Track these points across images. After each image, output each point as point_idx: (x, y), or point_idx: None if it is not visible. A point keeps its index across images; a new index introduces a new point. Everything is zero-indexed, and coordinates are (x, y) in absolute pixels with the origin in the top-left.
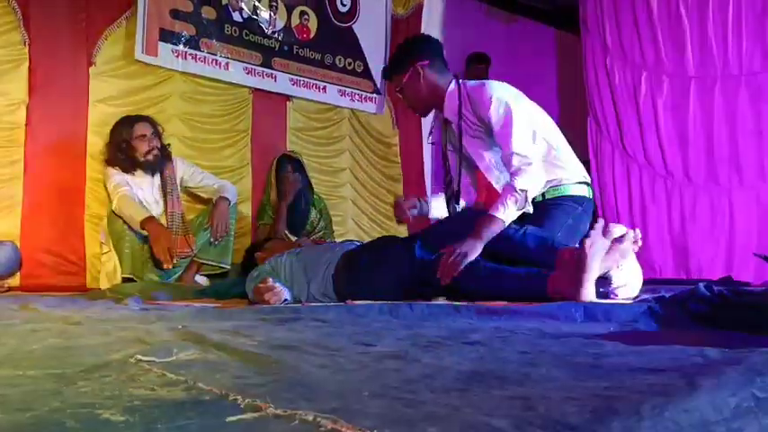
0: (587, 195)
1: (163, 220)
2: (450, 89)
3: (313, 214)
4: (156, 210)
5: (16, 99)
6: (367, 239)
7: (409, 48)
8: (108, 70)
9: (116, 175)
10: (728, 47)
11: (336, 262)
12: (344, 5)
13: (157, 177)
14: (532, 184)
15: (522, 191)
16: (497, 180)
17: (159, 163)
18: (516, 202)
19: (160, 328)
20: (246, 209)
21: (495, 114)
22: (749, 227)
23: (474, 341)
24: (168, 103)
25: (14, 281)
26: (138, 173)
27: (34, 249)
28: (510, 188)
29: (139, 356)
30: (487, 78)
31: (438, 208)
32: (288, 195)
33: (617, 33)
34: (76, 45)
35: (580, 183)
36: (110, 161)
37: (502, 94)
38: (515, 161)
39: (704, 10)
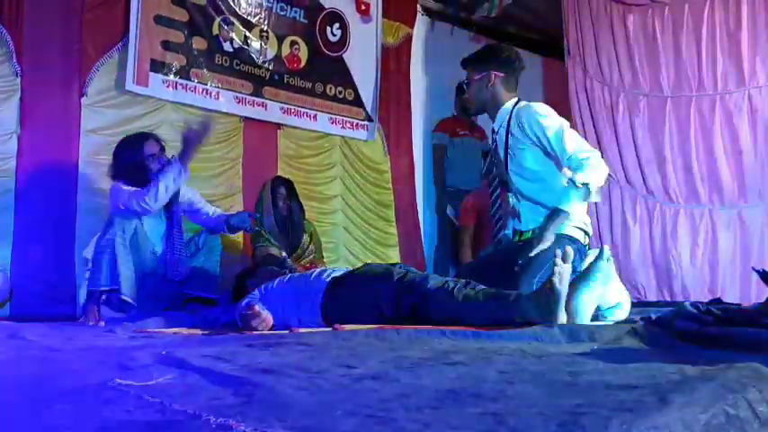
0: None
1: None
2: (506, 104)
3: (304, 238)
4: (161, 227)
5: (8, 130)
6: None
7: (496, 56)
8: (100, 101)
9: (124, 187)
10: (703, 66)
11: (325, 288)
12: (335, 35)
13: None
14: (594, 176)
15: (583, 184)
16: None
17: None
18: (582, 197)
19: (144, 354)
20: (238, 237)
21: (550, 124)
22: (732, 246)
23: (456, 362)
24: (159, 133)
25: (4, 310)
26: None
27: (25, 278)
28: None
29: (118, 380)
30: None
31: None
32: (281, 206)
33: (596, 56)
34: (68, 76)
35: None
36: (117, 176)
37: (551, 112)
38: (575, 160)
39: (678, 30)
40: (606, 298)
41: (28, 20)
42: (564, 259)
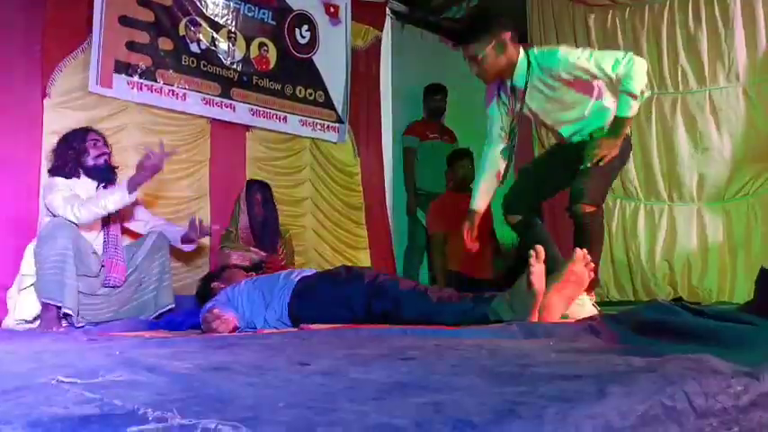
0: None
1: (99, 240)
2: (520, 58)
3: (278, 244)
4: (96, 228)
5: None
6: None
7: (494, 20)
8: (63, 102)
9: (62, 185)
10: (664, 66)
11: (293, 288)
12: (304, 37)
13: (100, 190)
14: (639, 81)
15: (632, 95)
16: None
17: (107, 171)
18: (633, 100)
19: (97, 354)
20: (204, 239)
21: (578, 57)
22: (691, 244)
23: (409, 357)
24: (125, 134)
25: None
26: (83, 179)
27: None
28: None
29: (60, 377)
30: (445, 108)
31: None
32: (258, 211)
33: None
34: (31, 77)
35: None
36: (53, 170)
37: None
38: (622, 73)
39: (639, 30)
40: (574, 310)
41: None
42: (538, 259)
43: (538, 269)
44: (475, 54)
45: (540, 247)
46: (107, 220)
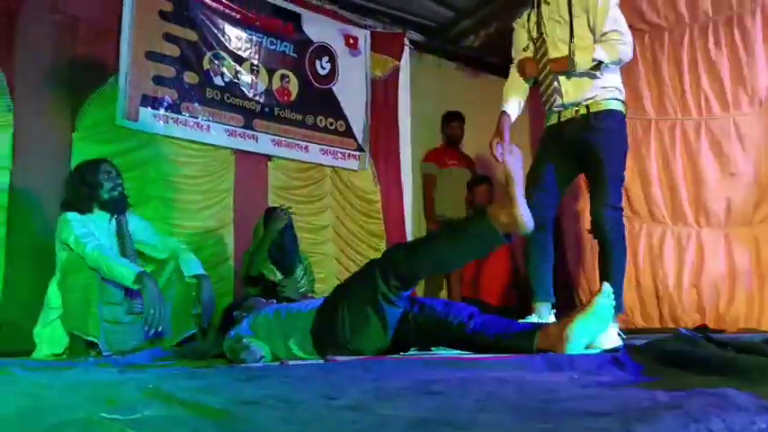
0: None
1: None
2: None
3: (298, 271)
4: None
5: (1, 164)
6: None
7: None
8: (91, 135)
9: (76, 222)
10: (686, 91)
11: (314, 315)
12: (324, 68)
13: (114, 223)
14: (608, 55)
15: (594, 59)
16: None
17: (121, 203)
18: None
19: (131, 387)
20: (228, 269)
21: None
22: (719, 268)
23: (435, 391)
24: (151, 166)
25: None
26: (97, 214)
27: (14, 313)
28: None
29: (103, 414)
30: (463, 135)
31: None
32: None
33: None
34: (60, 110)
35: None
36: (66, 204)
37: None
38: (608, 36)
39: (659, 56)
40: (600, 341)
41: (21, 56)
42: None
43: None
44: None
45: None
46: (123, 248)
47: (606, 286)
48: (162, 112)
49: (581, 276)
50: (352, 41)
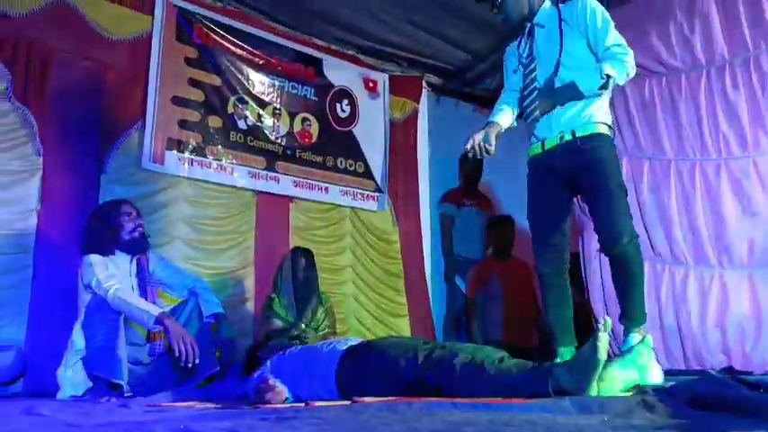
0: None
1: None
2: (546, 2)
3: (319, 312)
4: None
5: (29, 207)
6: (369, 337)
7: None
8: (118, 178)
9: (98, 264)
10: (704, 132)
11: (340, 357)
12: (344, 111)
13: (134, 264)
14: (618, 71)
15: (607, 75)
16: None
17: (142, 244)
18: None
19: (162, 428)
20: (247, 310)
21: (601, 14)
22: (743, 310)
23: None
24: (174, 208)
25: (16, 386)
26: (118, 255)
27: (39, 354)
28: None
29: None
30: (481, 175)
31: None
32: (300, 276)
33: None
34: (88, 154)
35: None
36: (88, 247)
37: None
38: (610, 51)
39: (677, 98)
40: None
41: (51, 102)
42: (605, 328)
43: (604, 338)
44: (492, 5)
45: (607, 318)
46: (144, 289)
47: (648, 338)
48: (186, 155)
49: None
50: (371, 85)
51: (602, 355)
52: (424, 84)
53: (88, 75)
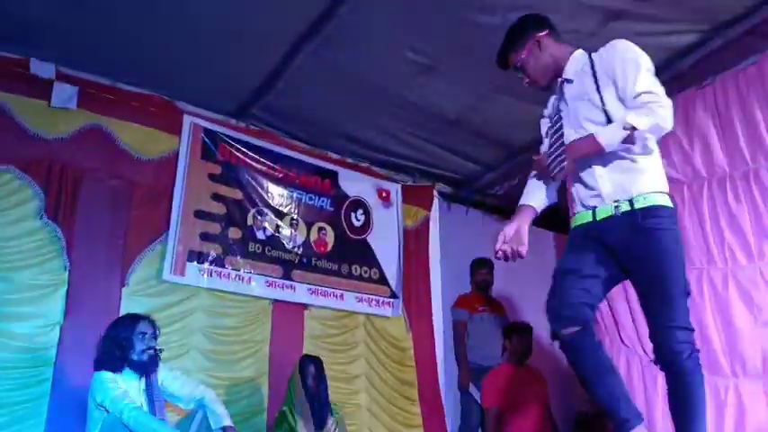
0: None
1: None
2: (576, 52)
3: (330, 423)
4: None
5: (52, 321)
6: None
7: (523, 24)
8: (139, 290)
9: (111, 382)
10: (709, 242)
11: None
12: (359, 220)
13: (143, 381)
14: (646, 120)
15: (630, 126)
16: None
17: (151, 365)
18: (623, 136)
19: None
20: (262, 422)
21: (631, 57)
22: (762, 419)
23: None
24: (193, 318)
25: None
26: (127, 373)
27: None
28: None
29: None
30: (492, 281)
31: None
32: (311, 385)
33: None
34: (111, 267)
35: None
36: (99, 363)
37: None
38: (639, 99)
39: (680, 208)
40: None
41: (79, 218)
42: None
43: None
44: (514, 65)
45: None
46: (152, 407)
47: None
48: (206, 266)
49: None
50: (384, 195)
51: None
52: (435, 192)
53: (116, 192)
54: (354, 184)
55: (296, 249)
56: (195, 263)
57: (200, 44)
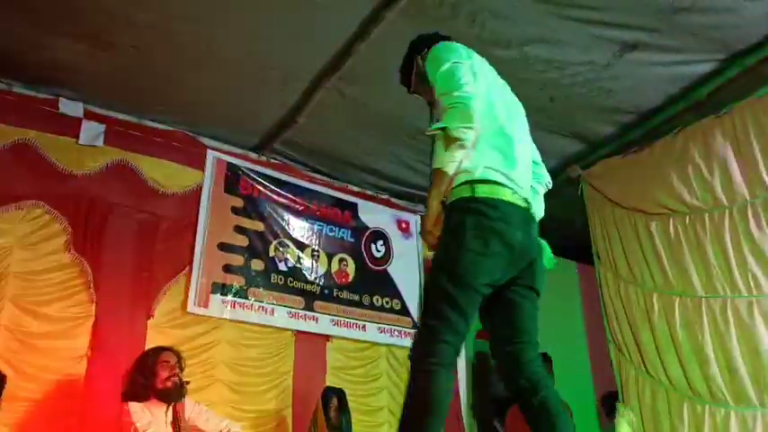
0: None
1: None
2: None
3: None
4: None
5: (80, 352)
6: None
7: (409, 48)
8: (164, 322)
9: (137, 413)
10: (733, 270)
11: None
12: (379, 251)
13: (170, 412)
14: (451, 122)
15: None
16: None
17: (176, 393)
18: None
19: None
20: None
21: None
22: None
23: None
24: (217, 350)
25: None
26: (153, 402)
27: None
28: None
29: None
30: None
31: None
32: (335, 417)
33: (625, 259)
34: (137, 300)
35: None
36: (126, 394)
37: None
38: (442, 102)
39: (702, 236)
40: None
41: (106, 251)
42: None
43: None
44: (411, 90)
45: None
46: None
47: None
48: (230, 297)
49: None
50: (404, 226)
51: None
52: None
53: (141, 226)
54: (374, 216)
55: (317, 281)
56: (219, 294)
57: (223, 81)
